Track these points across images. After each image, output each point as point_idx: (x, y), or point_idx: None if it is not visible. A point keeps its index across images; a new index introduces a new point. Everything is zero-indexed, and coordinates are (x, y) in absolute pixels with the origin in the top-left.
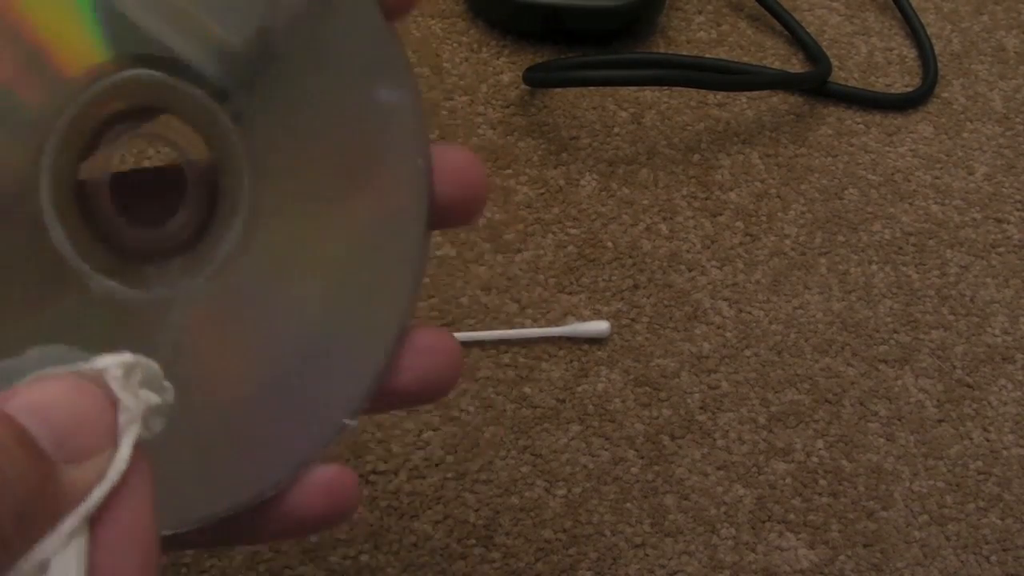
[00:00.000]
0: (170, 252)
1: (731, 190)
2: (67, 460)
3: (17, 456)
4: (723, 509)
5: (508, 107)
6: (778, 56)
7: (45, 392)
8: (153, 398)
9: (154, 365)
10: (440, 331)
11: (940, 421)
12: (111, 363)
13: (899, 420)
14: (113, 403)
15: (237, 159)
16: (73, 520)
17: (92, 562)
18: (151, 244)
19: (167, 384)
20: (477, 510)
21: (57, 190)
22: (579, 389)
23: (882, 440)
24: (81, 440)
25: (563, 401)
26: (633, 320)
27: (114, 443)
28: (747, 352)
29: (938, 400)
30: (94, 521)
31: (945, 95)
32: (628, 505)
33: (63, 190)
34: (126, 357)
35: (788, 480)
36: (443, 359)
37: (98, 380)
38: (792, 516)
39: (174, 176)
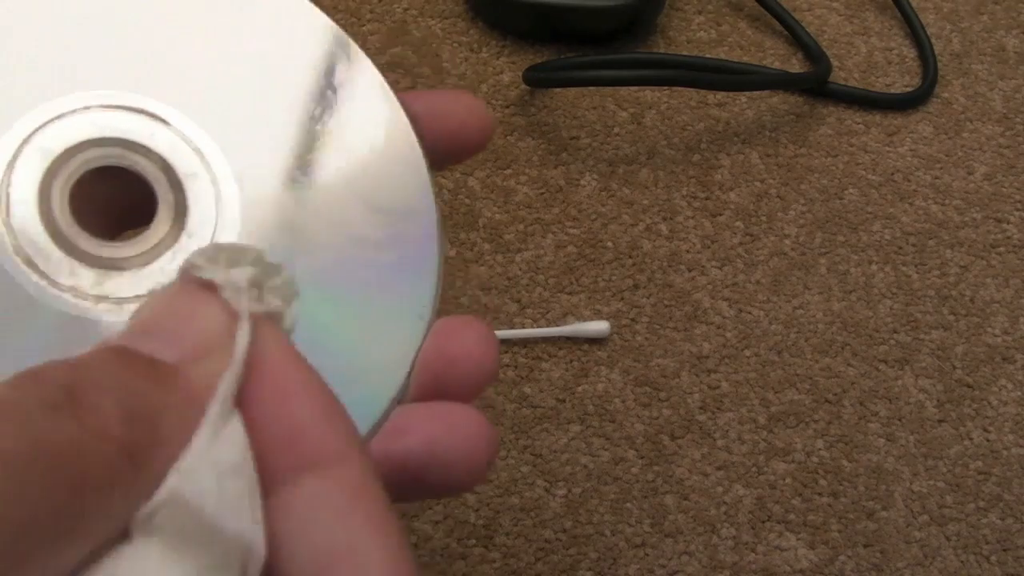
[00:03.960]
0: (168, 243)
1: (731, 190)
2: (184, 360)
3: (125, 376)
4: (723, 509)
5: (508, 107)
6: (778, 56)
7: (140, 308)
8: (247, 271)
9: (257, 249)
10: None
11: (940, 421)
12: (196, 255)
13: (899, 420)
14: (211, 289)
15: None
16: (216, 406)
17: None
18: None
19: (286, 273)
20: (477, 510)
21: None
22: (579, 389)
23: (882, 440)
24: (191, 337)
25: (563, 401)
26: (633, 320)
27: (232, 331)
28: (747, 352)
29: (938, 400)
30: (244, 404)
31: (945, 95)
32: (628, 505)
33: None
34: (210, 249)
35: (788, 480)
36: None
37: (186, 273)
38: (792, 516)
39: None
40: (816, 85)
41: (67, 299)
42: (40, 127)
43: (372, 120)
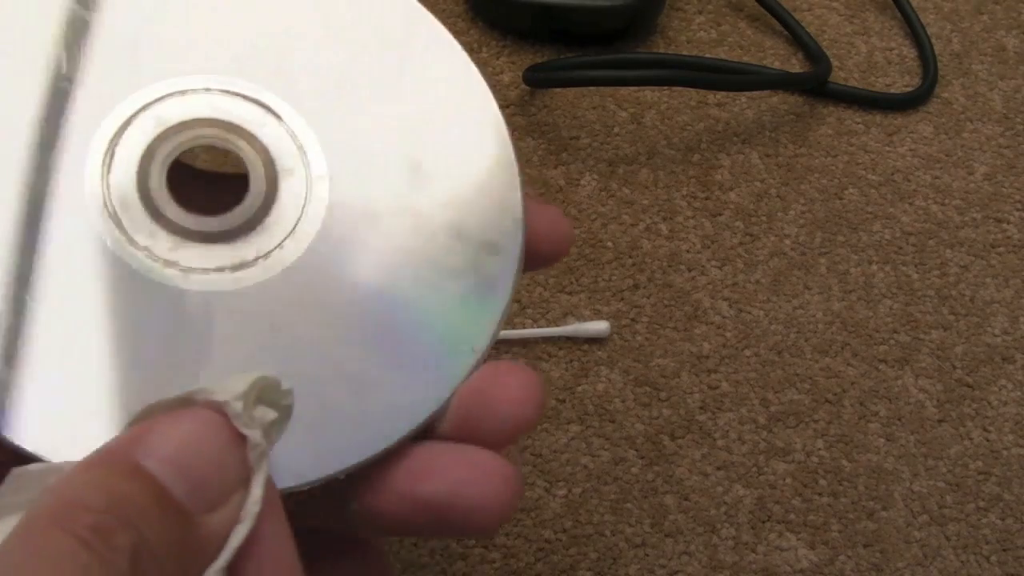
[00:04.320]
0: (247, 227)
1: (731, 190)
2: (204, 511)
3: (155, 517)
4: (723, 509)
5: (508, 107)
6: (778, 56)
7: (175, 436)
8: (270, 413)
9: (270, 377)
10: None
11: (940, 421)
12: (230, 393)
13: (899, 420)
14: (240, 440)
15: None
16: (215, 573)
17: None
18: (215, 228)
19: (286, 389)
20: None
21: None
22: (579, 389)
23: (882, 440)
24: (216, 488)
25: (563, 401)
26: (633, 320)
27: (246, 483)
28: (747, 352)
29: (938, 400)
30: (235, 569)
31: (945, 95)
32: (628, 505)
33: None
34: (240, 384)
35: (788, 480)
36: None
37: (220, 411)
38: (792, 516)
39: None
40: (816, 85)
41: (140, 258)
42: (161, 98)
43: (480, 153)
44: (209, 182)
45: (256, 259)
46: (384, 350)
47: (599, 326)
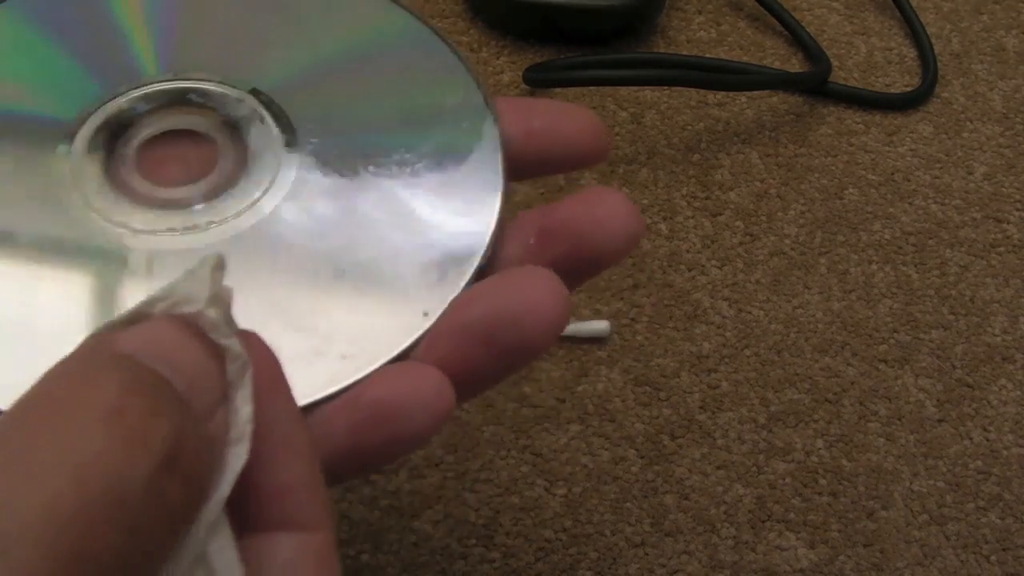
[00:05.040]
0: (206, 197)
1: (731, 190)
2: (195, 420)
3: (165, 407)
4: (723, 509)
5: None
6: (778, 56)
7: (162, 336)
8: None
9: (219, 258)
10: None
11: (940, 421)
12: (199, 299)
13: (899, 420)
14: (216, 351)
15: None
16: (216, 504)
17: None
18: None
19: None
20: (477, 509)
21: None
22: (579, 389)
23: (882, 440)
24: (206, 396)
25: (563, 401)
26: (633, 320)
27: (226, 400)
28: (747, 352)
29: (938, 400)
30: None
31: (945, 95)
32: (628, 505)
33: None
34: (204, 285)
35: (788, 480)
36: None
37: (190, 320)
38: (792, 516)
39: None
40: (816, 85)
41: (94, 218)
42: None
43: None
44: (197, 151)
45: (208, 223)
46: (339, 301)
47: (599, 326)
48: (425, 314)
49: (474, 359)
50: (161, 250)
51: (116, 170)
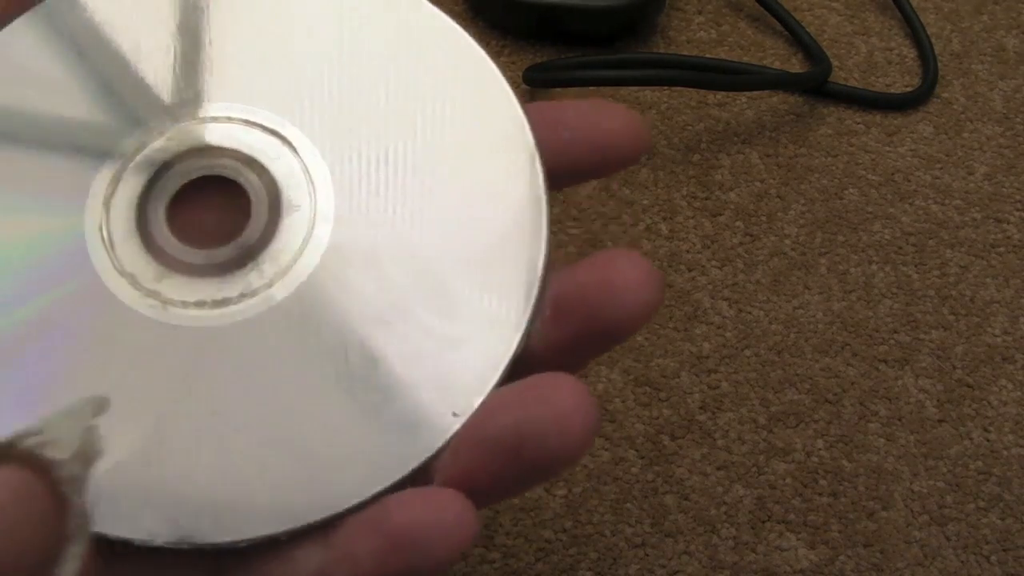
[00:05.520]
0: (238, 262)
1: (731, 190)
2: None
3: None
4: (723, 509)
5: None
6: (778, 56)
7: (11, 484)
8: (95, 467)
9: (100, 401)
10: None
11: (940, 421)
12: (63, 447)
13: (899, 420)
14: (61, 504)
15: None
16: None
17: None
18: (216, 259)
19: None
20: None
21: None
22: None
23: (882, 440)
24: (32, 554)
25: None
26: None
27: (57, 552)
28: (747, 352)
29: (938, 400)
30: None
31: (945, 95)
32: (628, 505)
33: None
34: (73, 432)
35: (788, 480)
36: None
37: (44, 469)
38: (792, 516)
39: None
40: (816, 85)
41: (123, 284)
42: (181, 122)
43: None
44: (229, 199)
45: (241, 296)
46: (362, 404)
47: None
48: (455, 415)
49: (499, 471)
50: (191, 327)
51: (146, 223)
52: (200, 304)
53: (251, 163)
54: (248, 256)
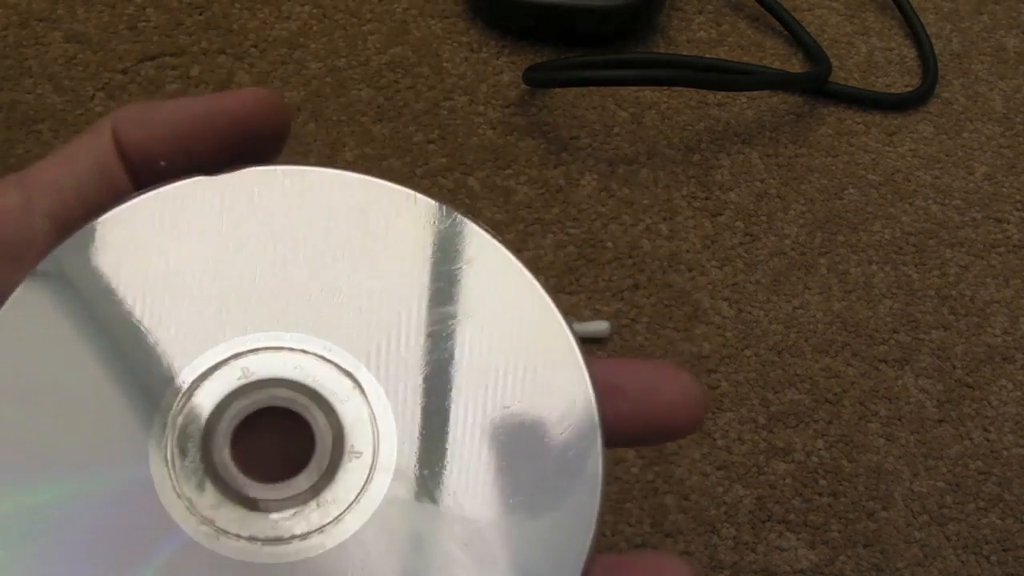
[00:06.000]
0: (293, 502)
1: (731, 190)
2: None
3: None
4: (723, 509)
5: (508, 107)
6: (778, 56)
7: None
8: None
9: None
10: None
11: (940, 421)
12: None
13: (899, 420)
14: None
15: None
16: None
17: None
18: (276, 496)
19: None
20: None
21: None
22: None
23: (882, 440)
24: None
25: None
26: (633, 320)
27: None
28: (747, 352)
29: (938, 400)
30: None
31: (945, 95)
32: (628, 505)
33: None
34: None
35: (788, 480)
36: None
37: None
38: (792, 516)
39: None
40: (816, 85)
41: (180, 507)
42: (253, 350)
43: (558, 392)
44: (292, 430)
45: (292, 538)
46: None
47: (599, 326)
48: None
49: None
50: (244, 562)
51: (210, 448)
52: (252, 540)
53: (320, 400)
54: (303, 499)
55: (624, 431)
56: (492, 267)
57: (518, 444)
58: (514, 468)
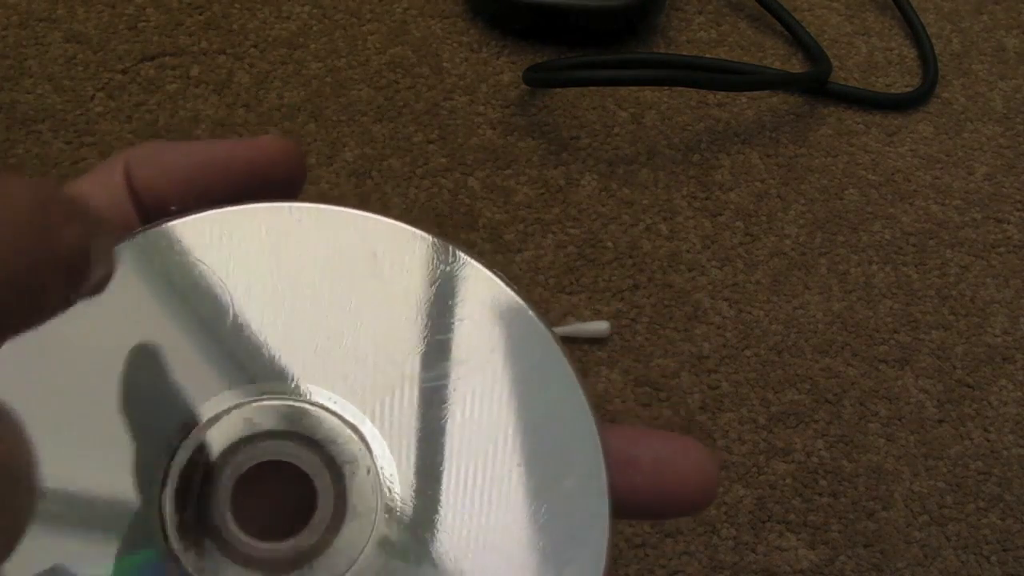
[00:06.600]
0: (294, 562)
1: (731, 190)
2: None
3: None
4: (723, 509)
5: (508, 107)
6: (778, 56)
7: None
8: None
9: None
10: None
11: (940, 421)
12: None
13: (899, 420)
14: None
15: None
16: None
17: None
18: (275, 555)
19: None
20: None
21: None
22: None
23: (882, 440)
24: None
25: None
26: (633, 320)
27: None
28: (747, 352)
29: (938, 400)
30: None
31: (945, 95)
32: None
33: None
34: None
35: (788, 480)
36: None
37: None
38: (792, 516)
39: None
40: (816, 85)
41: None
42: (258, 398)
43: (568, 459)
44: (292, 479)
45: None
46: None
47: (599, 326)
48: None
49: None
50: None
51: (207, 500)
52: None
53: (322, 454)
54: (303, 559)
55: (637, 504)
56: (504, 318)
57: (523, 510)
58: (518, 535)
